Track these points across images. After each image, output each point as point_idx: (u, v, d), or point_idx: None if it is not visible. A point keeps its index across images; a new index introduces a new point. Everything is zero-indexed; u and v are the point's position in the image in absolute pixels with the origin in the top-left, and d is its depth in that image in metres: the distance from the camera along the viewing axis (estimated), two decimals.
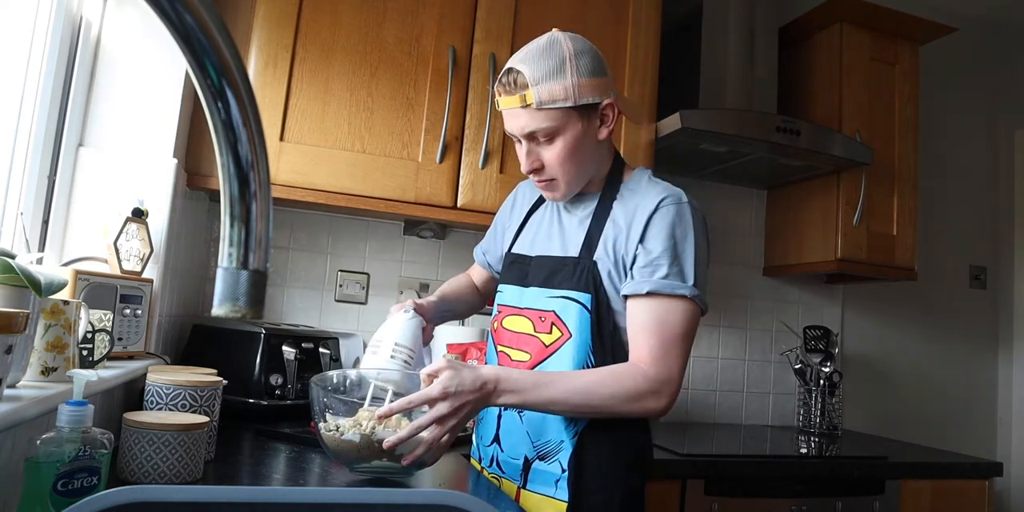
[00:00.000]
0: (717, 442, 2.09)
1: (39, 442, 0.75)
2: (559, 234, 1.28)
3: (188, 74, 0.95)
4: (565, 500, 1.14)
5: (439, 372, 1.04)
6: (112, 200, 1.41)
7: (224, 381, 1.18)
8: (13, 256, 0.83)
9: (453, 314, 1.46)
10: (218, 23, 0.42)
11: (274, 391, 1.58)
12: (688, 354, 1.15)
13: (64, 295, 1.07)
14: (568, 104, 1.14)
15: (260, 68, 1.67)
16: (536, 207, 1.37)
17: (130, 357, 1.31)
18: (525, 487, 1.20)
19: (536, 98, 1.13)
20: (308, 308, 2.06)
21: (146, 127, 1.49)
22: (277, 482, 1.10)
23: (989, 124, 3.03)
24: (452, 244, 2.21)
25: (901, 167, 2.35)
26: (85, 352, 1.07)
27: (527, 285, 1.25)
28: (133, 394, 1.34)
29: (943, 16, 2.73)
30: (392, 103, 1.77)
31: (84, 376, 0.80)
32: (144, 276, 1.37)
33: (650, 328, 1.13)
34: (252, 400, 1.55)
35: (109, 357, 1.15)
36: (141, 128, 1.48)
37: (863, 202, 2.25)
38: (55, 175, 1.35)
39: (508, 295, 1.29)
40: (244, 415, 1.53)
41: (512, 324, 1.26)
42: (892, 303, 2.76)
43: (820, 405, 2.33)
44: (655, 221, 1.15)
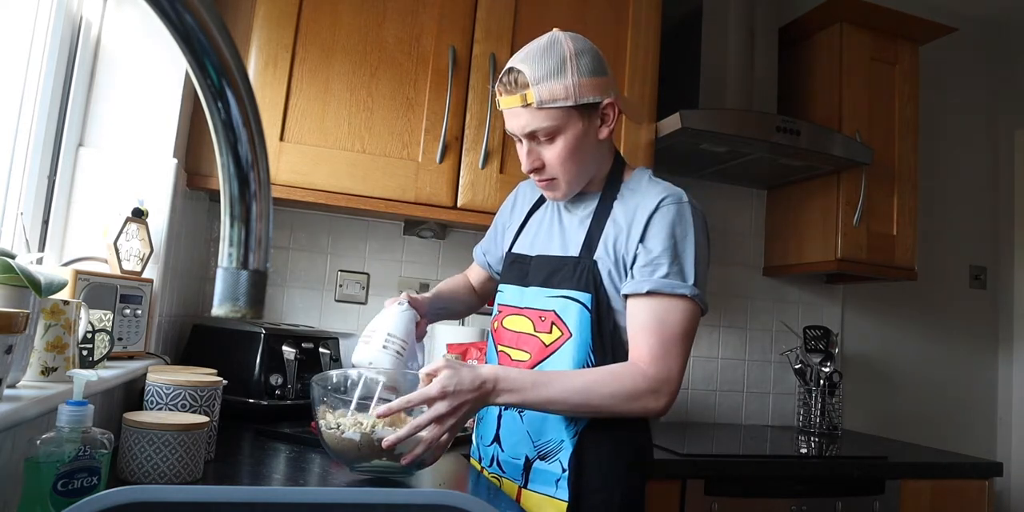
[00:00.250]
0: (717, 442, 2.09)
1: (39, 442, 0.75)
2: (559, 234, 1.28)
3: (188, 74, 0.95)
4: (565, 500, 1.14)
5: (438, 371, 1.04)
6: (112, 200, 1.41)
7: (224, 381, 1.18)
8: (13, 256, 0.83)
9: (449, 313, 1.46)
10: (218, 23, 0.42)
11: (274, 391, 1.58)
12: (688, 354, 1.15)
13: (64, 295, 1.07)
14: (569, 103, 1.14)
15: (260, 68, 1.67)
16: (536, 207, 1.37)
17: (130, 357, 1.31)
18: (526, 487, 1.20)
19: (537, 97, 1.13)
20: (308, 308, 2.07)
21: (146, 127, 1.49)
22: (277, 482, 1.10)
23: (989, 124, 3.03)
24: (452, 244, 2.21)
25: (901, 167, 2.35)
26: (85, 352, 1.07)
27: (527, 285, 1.25)
28: (133, 394, 1.35)
29: (943, 16, 2.73)
30: (392, 103, 1.77)
31: (84, 376, 0.80)
32: (144, 276, 1.37)
33: (650, 327, 1.13)
34: (252, 400, 1.56)
35: (109, 357, 1.15)
36: (141, 128, 1.48)
37: (863, 202, 2.25)
38: (55, 175, 1.35)
39: (508, 295, 1.29)
40: (244, 415, 1.53)
41: (512, 324, 1.26)
42: (892, 303, 2.76)
43: (820, 405, 2.33)
44: (655, 221, 1.16)
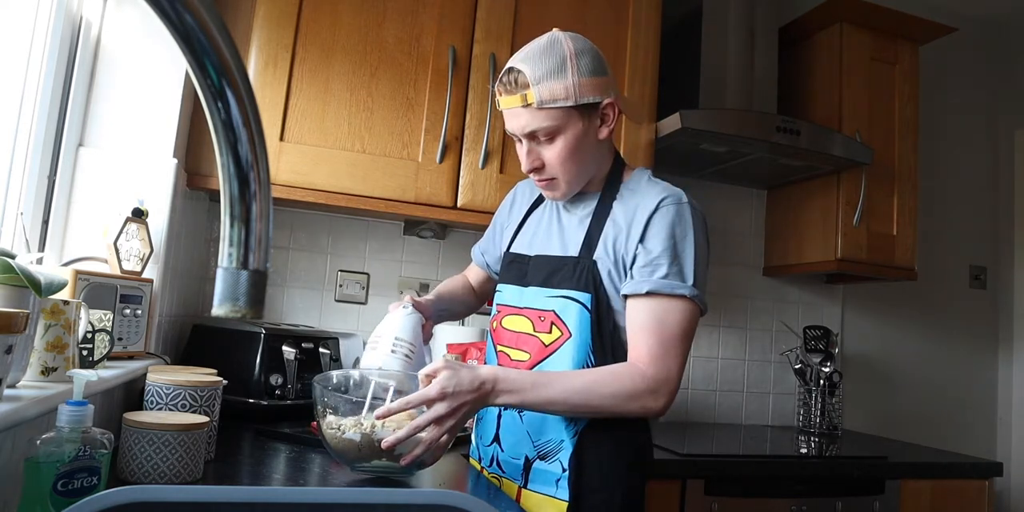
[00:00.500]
0: (717, 442, 2.09)
1: (39, 442, 0.75)
2: (558, 233, 1.27)
3: (188, 74, 0.95)
4: (566, 500, 1.14)
5: (437, 372, 1.04)
6: (112, 200, 1.41)
7: (224, 381, 1.18)
8: (13, 256, 0.83)
9: (450, 314, 1.46)
10: (218, 23, 0.42)
11: (274, 391, 1.58)
12: (687, 354, 1.15)
13: (64, 295, 1.07)
14: (569, 103, 1.14)
15: (260, 68, 1.67)
16: (535, 206, 1.37)
17: (130, 357, 1.31)
18: (526, 487, 1.20)
19: (537, 97, 1.13)
20: (308, 308, 2.07)
21: (146, 127, 1.49)
22: (277, 482, 1.10)
23: (989, 124, 3.03)
24: (452, 244, 2.21)
25: (901, 167, 2.35)
26: (85, 352, 1.07)
27: (526, 285, 1.25)
28: (133, 394, 1.35)
29: (943, 16, 2.73)
30: (392, 103, 1.77)
31: (84, 376, 0.80)
32: (144, 276, 1.37)
33: (649, 328, 1.13)
34: (252, 400, 1.55)
35: (109, 357, 1.15)
36: (141, 128, 1.48)
37: (863, 202, 2.25)
38: (55, 175, 1.35)
39: (507, 295, 1.29)
40: (244, 415, 1.53)
41: (511, 324, 1.26)
42: (892, 303, 2.76)
43: (820, 405, 2.33)
44: (655, 221, 1.16)
